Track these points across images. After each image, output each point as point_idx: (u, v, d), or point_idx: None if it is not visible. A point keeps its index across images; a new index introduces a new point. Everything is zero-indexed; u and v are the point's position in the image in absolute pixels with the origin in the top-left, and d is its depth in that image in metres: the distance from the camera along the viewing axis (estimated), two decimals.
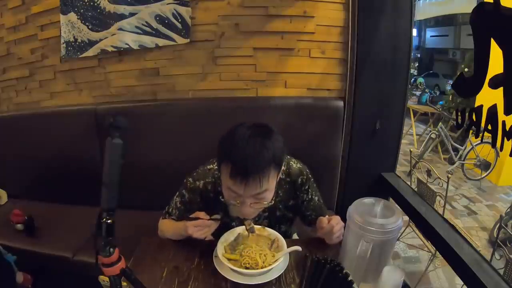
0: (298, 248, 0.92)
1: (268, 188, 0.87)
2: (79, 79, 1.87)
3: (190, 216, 0.93)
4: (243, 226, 1.01)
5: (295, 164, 1.07)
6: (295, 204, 1.09)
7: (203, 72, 1.76)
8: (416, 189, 2.03)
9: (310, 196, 1.08)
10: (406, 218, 1.83)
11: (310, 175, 1.08)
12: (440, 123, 4.40)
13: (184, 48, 1.72)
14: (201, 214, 0.91)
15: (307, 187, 1.07)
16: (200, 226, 0.90)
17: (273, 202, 0.94)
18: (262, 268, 0.87)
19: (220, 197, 0.96)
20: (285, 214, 1.10)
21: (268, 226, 1.08)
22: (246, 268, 0.88)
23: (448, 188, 1.96)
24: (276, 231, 1.07)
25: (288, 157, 1.08)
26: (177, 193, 1.09)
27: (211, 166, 1.06)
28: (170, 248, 1.03)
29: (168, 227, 1.07)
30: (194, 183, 1.04)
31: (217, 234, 0.98)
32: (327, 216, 0.97)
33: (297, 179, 1.05)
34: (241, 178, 0.82)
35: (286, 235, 1.18)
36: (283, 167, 1.00)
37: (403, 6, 1.57)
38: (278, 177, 0.94)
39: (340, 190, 1.82)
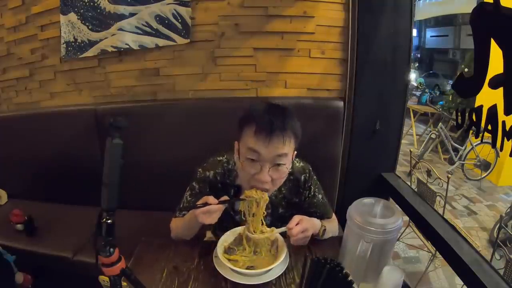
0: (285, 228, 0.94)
1: (288, 153, 0.90)
2: (79, 79, 1.87)
3: (198, 203, 0.92)
4: (243, 227, 1.01)
5: (298, 163, 1.10)
6: (298, 202, 1.11)
7: (203, 72, 1.76)
8: (416, 189, 2.03)
9: (312, 193, 1.10)
10: (406, 218, 1.83)
11: (312, 173, 1.11)
12: (440, 123, 4.40)
13: (184, 48, 1.72)
14: (210, 199, 0.90)
15: (309, 184, 1.09)
16: (209, 213, 0.89)
17: (289, 171, 0.96)
18: (263, 233, 0.92)
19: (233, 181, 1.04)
20: (287, 212, 1.11)
21: (269, 225, 1.08)
22: (248, 268, 0.88)
23: (448, 188, 1.96)
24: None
25: None
26: (188, 188, 1.10)
27: (221, 158, 1.09)
28: (170, 248, 1.03)
29: (179, 223, 1.08)
30: (204, 173, 1.07)
31: (219, 226, 0.99)
32: (300, 218, 0.96)
33: (300, 176, 1.08)
34: (265, 134, 0.85)
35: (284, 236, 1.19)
36: None
37: (403, 6, 1.57)
38: (295, 153, 0.96)
39: (340, 190, 1.82)
